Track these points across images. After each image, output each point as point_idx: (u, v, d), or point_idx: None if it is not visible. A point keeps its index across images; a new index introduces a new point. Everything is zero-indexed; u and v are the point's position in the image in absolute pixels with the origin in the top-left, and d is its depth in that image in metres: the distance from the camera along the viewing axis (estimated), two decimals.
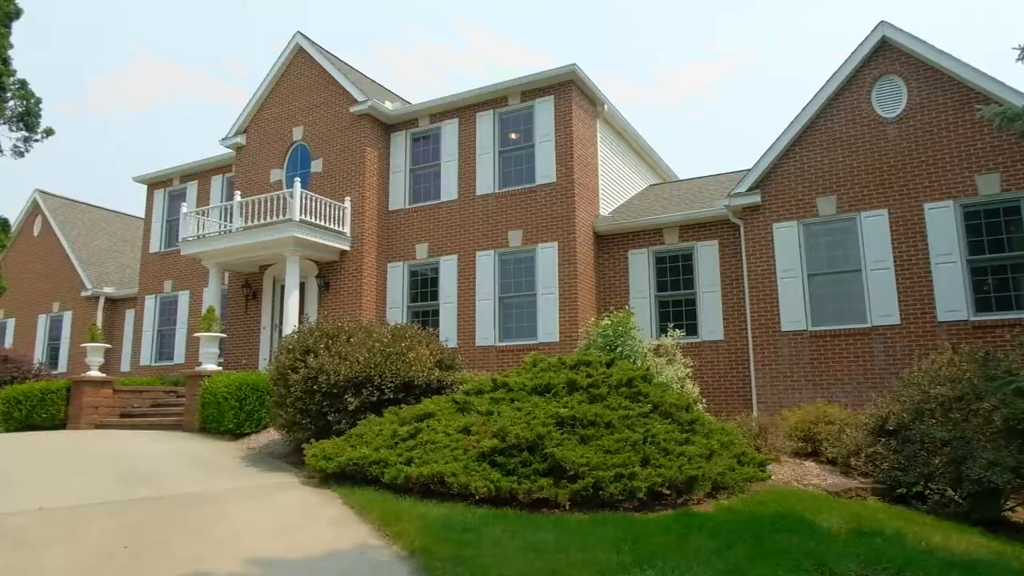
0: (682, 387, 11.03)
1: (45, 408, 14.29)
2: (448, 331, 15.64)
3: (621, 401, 8.09)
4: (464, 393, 9.00)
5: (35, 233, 25.18)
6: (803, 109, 12.78)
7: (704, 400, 11.74)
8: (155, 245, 21.00)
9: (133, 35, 75.29)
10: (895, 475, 7.91)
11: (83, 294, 22.80)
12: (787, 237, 12.70)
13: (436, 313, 16.04)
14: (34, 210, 25.38)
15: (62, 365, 22.92)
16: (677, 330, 12.38)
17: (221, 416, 11.55)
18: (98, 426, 14.11)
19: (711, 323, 13.91)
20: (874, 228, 11.95)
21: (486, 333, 15.25)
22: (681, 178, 20.51)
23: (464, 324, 15.55)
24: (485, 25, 77.57)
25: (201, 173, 20.54)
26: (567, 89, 15.34)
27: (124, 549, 5.62)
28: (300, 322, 13.96)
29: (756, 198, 13.02)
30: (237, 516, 6.65)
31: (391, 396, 9.00)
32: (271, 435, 10.76)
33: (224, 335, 15.08)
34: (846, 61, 12.46)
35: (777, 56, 72.50)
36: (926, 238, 11.50)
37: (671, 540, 5.69)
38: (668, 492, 6.95)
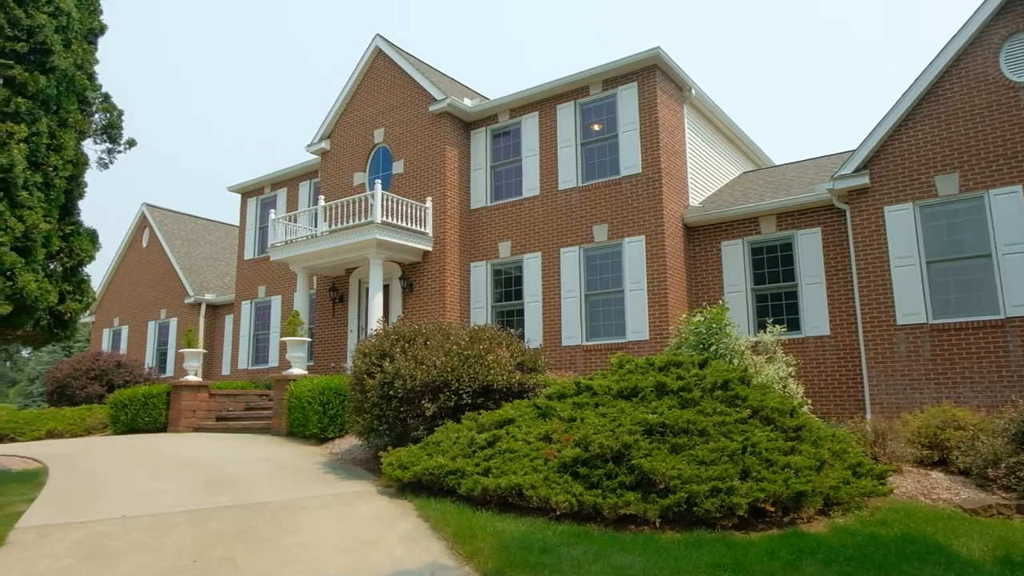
0: (784, 388, 10.12)
1: (148, 412, 14.84)
2: (533, 331, 15.20)
3: (716, 406, 7.37)
4: (546, 397, 8.52)
5: (144, 244, 26.57)
6: (918, 78, 11.52)
7: (809, 402, 10.74)
8: (249, 252, 21.65)
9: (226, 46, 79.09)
10: None
11: (186, 301, 23.84)
12: (901, 221, 11.48)
13: (520, 313, 15.64)
14: (142, 222, 26.79)
15: (169, 369, 24.04)
16: (777, 325, 11.42)
17: (306, 420, 11.55)
18: (196, 429, 14.53)
19: (815, 317, 12.82)
20: (1006, 207, 10.59)
21: (572, 332, 14.70)
22: (777, 164, 19.23)
23: (549, 323, 15.07)
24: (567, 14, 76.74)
25: (289, 180, 21.01)
26: (651, 74, 14.57)
27: (194, 563, 5.46)
28: (384, 324, 13.86)
29: (864, 179, 11.86)
30: (310, 528, 6.42)
31: (469, 401, 8.62)
32: (353, 440, 10.62)
33: (309, 339, 15.21)
34: (968, 21, 11.12)
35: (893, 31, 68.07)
36: None
37: (778, 568, 4.99)
38: (772, 509, 6.20)
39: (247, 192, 22.12)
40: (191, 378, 15.12)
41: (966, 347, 10.57)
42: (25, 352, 79.56)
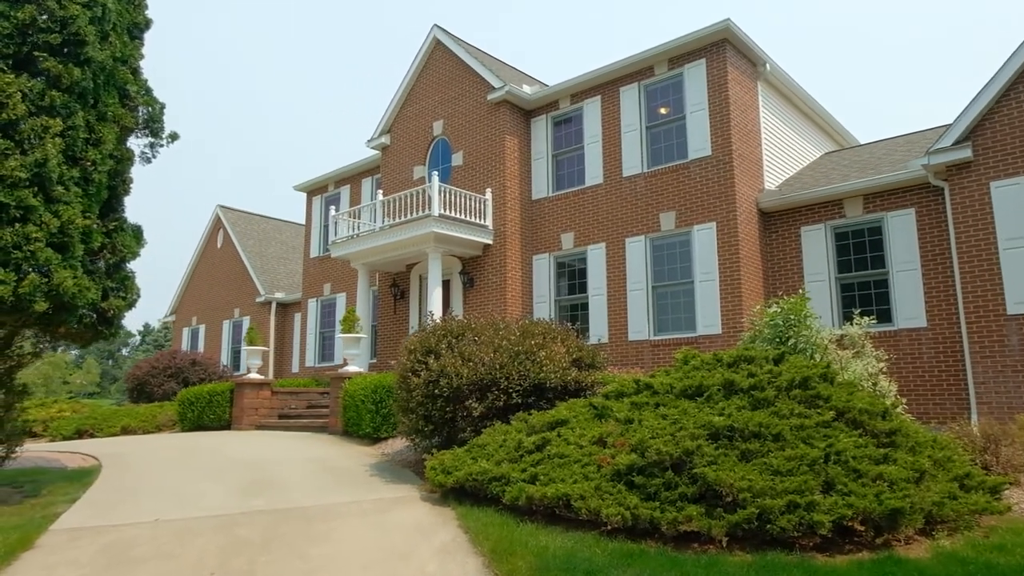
0: (874, 385, 9.05)
1: (212, 409, 14.93)
2: (598, 325, 14.48)
3: (793, 407, 6.49)
4: (603, 396, 7.81)
5: (218, 245, 27.19)
6: None
7: (904, 401, 9.61)
8: (314, 250, 21.73)
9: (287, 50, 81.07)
10: None
11: (257, 300, 24.20)
12: (1011, 197, 10.16)
13: (585, 306, 14.93)
14: (216, 224, 27.43)
15: (242, 367, 24.43)
16: (865, 317, 10.29)
17: (360, 419, 11.23)
18: (259, 427, 14.50)
19: (909, 307, 11.58)
20: None
21: (639, 326, 13.88)
22: (863, 143, 17.75)
23: (615, 317, 14.30)
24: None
25: (352, 177, 20.93)
26: (720, 49, 13.57)
27: (212, 575, 5.08)
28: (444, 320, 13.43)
29: (966, 152, 10.57)
30: (341, 537, 5.96)
31: (519, 400, 8.00)
32: (405, 441, 10.19)
33: (365, 336, 14.95)
34: None
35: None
36: None
37: None
38: (862, 528, 5.31)
39: (312, 190, 22.21)
40: (253, 376, 15.14)
41: None
42: (124, 351, 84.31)
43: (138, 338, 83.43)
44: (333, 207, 18.94)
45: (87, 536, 6.10)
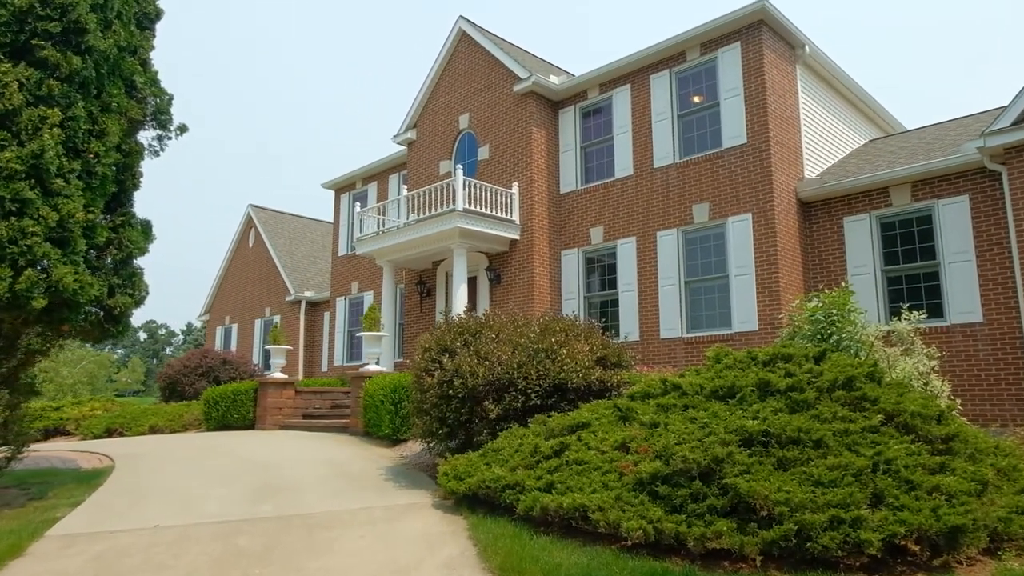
0: (925, 385, 8.35)
1: (236, 409, 14.77)
2: (629, 322, 13.92)
3: (836, 409, 5.90)
4: (628, 397, 7.29)
5: (250, 244, 27.25)
6: None
7: (958, 402, 8.87)
8: (342, 248, 21.53)
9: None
10: None
11: (287, 299, 24.13)
12: None
13: (615, 303, 14.39)
14: (248, 223, 27.49)
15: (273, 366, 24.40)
16: (914, 311, 9.56)
17: (379, 420, 10.88)
18: (282, 427, 14.28)
19: (963, 300, 10.78)
20: None
21: (671, 323, 13.29)
22: (910, 128, 16.82)
23: (646, 314, 13.72)
24: None
25: (379, 174, 20.68)
26: (756, 31, 12.90)
27: None
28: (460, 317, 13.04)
29: None
30: (343, 548, 5.57)
31: (538, 402, 7.52)
32: (423, 443, 9.80)
33: (386, 334, 14.64)
34: None
35: None
36: None
37: None
38: (916, 547, 4.72)
39: (340, 188, 22.03)
40: (277, 375, 14.95)
41: None
42: (168, 350, 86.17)
43: (181, 337, 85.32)
44: (360, 204, 18.65)
45: (81, 543, 5.82)
